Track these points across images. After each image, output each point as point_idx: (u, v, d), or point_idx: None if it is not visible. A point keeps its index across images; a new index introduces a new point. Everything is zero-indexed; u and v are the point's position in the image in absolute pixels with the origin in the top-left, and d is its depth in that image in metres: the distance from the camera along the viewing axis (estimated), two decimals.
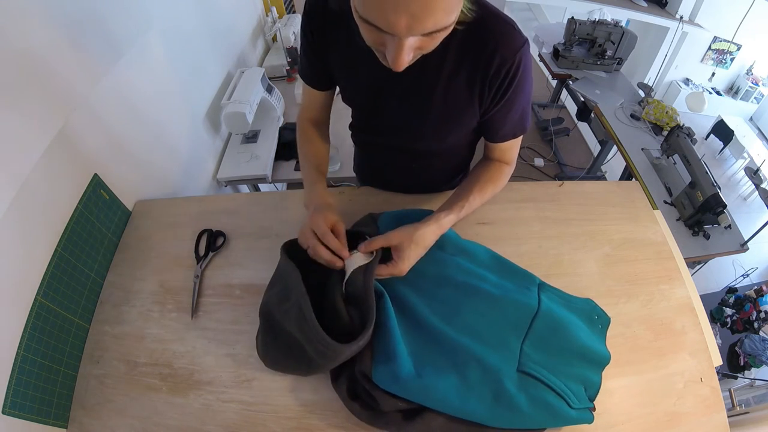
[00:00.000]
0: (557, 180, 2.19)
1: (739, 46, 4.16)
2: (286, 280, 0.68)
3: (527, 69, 0.64)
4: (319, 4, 0.66)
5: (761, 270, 3.02)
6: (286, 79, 1.99)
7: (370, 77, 0.69)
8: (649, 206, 0.92)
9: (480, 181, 0.77)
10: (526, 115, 0.72)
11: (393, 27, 0.43)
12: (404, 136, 0.78)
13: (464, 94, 0.66)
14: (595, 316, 0.72)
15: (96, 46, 0.86)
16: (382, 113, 0.75)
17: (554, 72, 2.63)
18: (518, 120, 0.71)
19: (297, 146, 0.85)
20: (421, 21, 0.42)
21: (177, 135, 1.24)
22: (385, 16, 0.42)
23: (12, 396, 0.59)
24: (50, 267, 0.70)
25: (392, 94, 0.70)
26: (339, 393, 0.62)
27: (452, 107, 0.69)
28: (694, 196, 1.73)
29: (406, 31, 0.43)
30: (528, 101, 0.70)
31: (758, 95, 4.52)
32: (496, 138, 0.74)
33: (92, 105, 0.84)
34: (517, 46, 0.60)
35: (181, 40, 1.27)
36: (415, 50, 0.48)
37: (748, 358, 2.46)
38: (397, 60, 0.47)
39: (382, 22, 0.43)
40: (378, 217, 0.79)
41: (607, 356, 0.67)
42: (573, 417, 0.60)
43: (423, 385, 0.59)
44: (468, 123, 0.72)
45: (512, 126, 0.72)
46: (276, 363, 0.67)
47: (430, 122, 0.72)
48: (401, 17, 0.41)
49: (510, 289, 0.71)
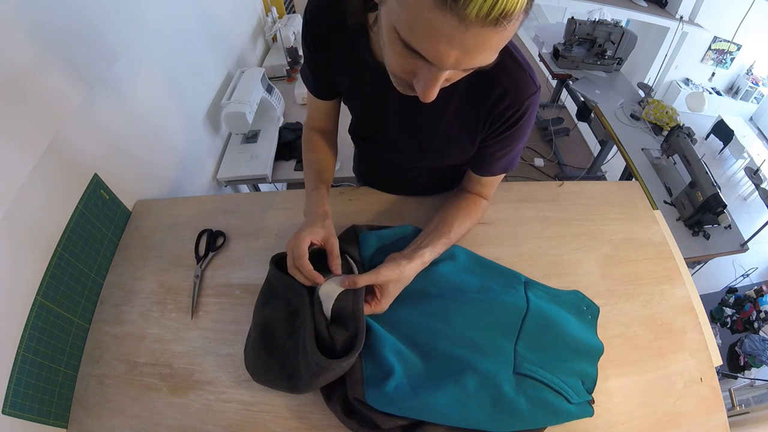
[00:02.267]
0: (557, 180, 2.19)
1: (739, 46, 4.16)
2: (289, 297, 0.67)
3: (531, 116, 0.64)
4: (321, 15, 0.64)
5: (761, 270, 3.02)
6: (286, 79, 1.99)
7: (373, 94, 0.68)
8: (649, 206, 0.92)
9: (460, 214, 0.76)
10: (517, 157, 0.73)
11: (441, 60, 0.40)
12: (403, 153, 0.77)
13: (467, 126, 0.66)
14: (584, 307, 0.72)
15: (88, 52, 0.84)
16: (382, 130, 0.75)
17: (554, 72, 2.63)
18: (509, 160, 0.72)
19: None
20: (472, 57, 0.40)
21: (177, 135, 1.24)
22: (436, 48, 0.39)
23: (12, 396, 0.59)
24: (50, 267, 0.70)
25: (395, 114, 0.70)
26: (334, 412, 0.61)
27: (453, 136, 0.69)
28: (694, 196, 1.73)
29: (453, 65, 0.41)
30: (523, 145, 0.70)
31: (758, 95, 4.53)
32: (483, 171, 0.74)
33: (93, 105, 0.84)
34: (527, 94, 0.60)
35: (181, 40, 1.27)
36: (444, 81, 0.46)
37: (748, 358, 2.46)
38: (430, 91, 0.45)
39: (432, 53, 0.40)
40: (360, 233, 0.78)
41: (600, 346, 0.67)
42: (573, 412, 0.60)
43: (420, 402, 0.58)
44: (467, 150, 0.72)
45: (502, 164, 0.72)
46: (264, 376, 0.64)
47: (430, 146, 0.72)
48: (453, 51, 0.39)
49: (496, 292, 0.71)
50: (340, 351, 0.59)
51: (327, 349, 0.59)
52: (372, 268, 0.66)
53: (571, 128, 3.16)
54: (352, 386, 0.59)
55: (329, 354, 0.58)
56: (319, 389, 0.63)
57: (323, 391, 0.63)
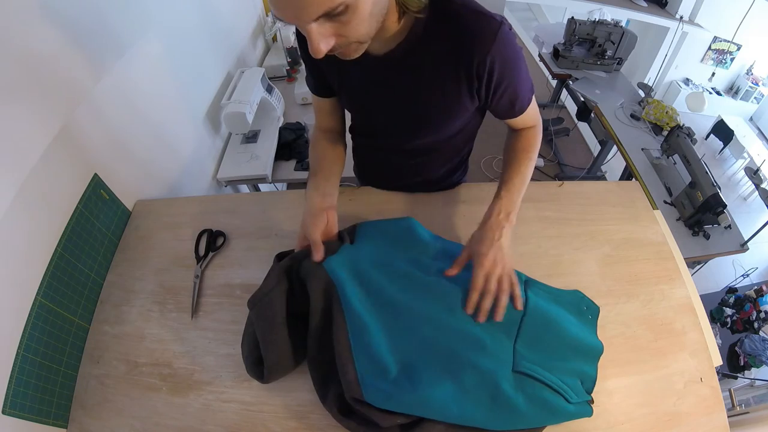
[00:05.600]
0: (557, 180, 2.19)
1: (739, 46, 4.16)
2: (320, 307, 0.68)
3: (513, 50, 0.62)
4: None
5: (761, 270, 3.02)
6: (286, 79, 1.99)
7: (360, 80, 0.70)
8: (649, 206, 0.92)
9: (518, 154, 0.76)
10: (530, 83, 0.71)
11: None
12: (398, 135, 0.78)
13: (451, 90, 0.66)
14: (584, 307, 0.72)
15: (98, 43, 0.86)
16: (375, 115, 0.77)
17: (554, 72, 2.63)
18: (527, 91, 0.70)
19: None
20: (303, 8, 0.44)
21: (177, 135, 1.24)
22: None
23: (12, 396, 0.59)
24: (50, 267, 0.70)
25: (381, 96, 0.71)
26: (330, 413, 0.61)
27: (439, 106, 0.69)
28: (694, 196, 1.73)
29: (296, 20, 0.47)
30: (527, 71, 0.68)
31: (758, 95, 4.53)
32: (513, 114, 0.73)
33: (93, 104, 0.84)
34: (491, 36, 0.58)
35: (182, 39, 1.27)
36: (338, 38, 0.50)
37: (748, 358, 2.46)
38: (311, 47, 0.49)
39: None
40: (357, 227, 0.79)
41: (600, 346, 0.67)
42: (572, 412, 0.60)
43: (419, 397, 0.58)
44: (458, 117, 0.71)
45: (522, 100, 0.71)
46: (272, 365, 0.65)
47: (418, 120, 0.72)
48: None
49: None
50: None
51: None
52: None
53: (571, 128, 3.15)
54: (348, 387, 0.59)
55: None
56: (316, 390, 0.63)
57: (319, 391, 0.63)
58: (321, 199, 0.74)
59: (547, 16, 5.21)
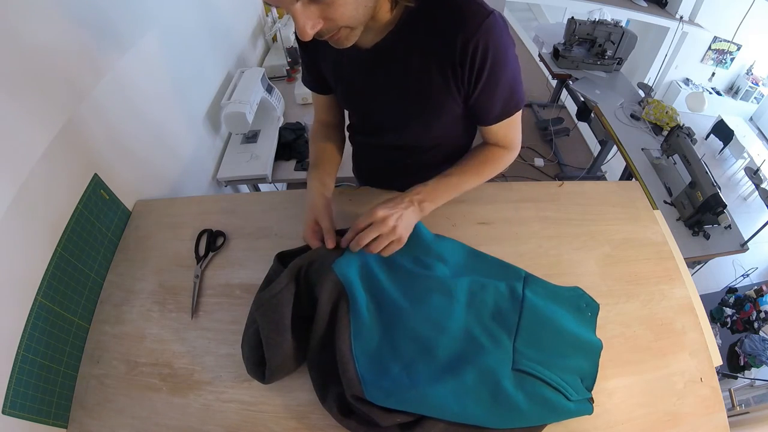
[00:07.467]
0: (557, 180, 2.19)
1: (739, 46, 4.17)
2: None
3: (501, 42, 0.59)
4: None
5: (761, 270, 3.03)
6: (286, 79, 1.99)
7: (354, 78, 0.70)
8: (649, 206, 0.92)
9: (474, 160, 0.74)
10: (516, 91, 0.66)
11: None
12: (392, 132, 0.78)
13: (438, 82, 0.64)
14: (584, 305, 0.72)
15: (99, 43, 0.86)
16: (369, 113, 0.77)
17: (554, 72, 2.63)
18: (508, 97, 0.66)
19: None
20: None
21: (177, 135, 1.24)
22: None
23: (12, 396, 0.59)
24: (50, 267, 0.70)
25: (372, 93, 0.71)
26: (330, 412, 0.61)
27: (428, 98, 0.67)
28: (694, 196, 1.73)
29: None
30: (514, 76, 0.64)
31: (758, 95, 4.53)
32: (488, 120, 0.70)
33: (93, 103, 0.84)
34: (477, 22, 0.56)
35: (182, 39, 1.27)
36: (326, 21, 0.49)
37: (748, 358, 2.47)
38: (297, 28, 0.49)
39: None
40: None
41: (599, 343, 0.67)
42: (572, 409, 0.60)
43: (419, 395, 0.58)
44: (450, 111, 0.69)
45: (502, 105, 0.67)
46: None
47: (410, 116, 0.72)
48: None
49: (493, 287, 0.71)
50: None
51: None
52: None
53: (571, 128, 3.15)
54: (349, 384, 0.60)
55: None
56: (315, 390, 0.63)
57: (319, 391, 0.63)
58: (324, 189, 0.75)
59: (547, 16, 5.21)
